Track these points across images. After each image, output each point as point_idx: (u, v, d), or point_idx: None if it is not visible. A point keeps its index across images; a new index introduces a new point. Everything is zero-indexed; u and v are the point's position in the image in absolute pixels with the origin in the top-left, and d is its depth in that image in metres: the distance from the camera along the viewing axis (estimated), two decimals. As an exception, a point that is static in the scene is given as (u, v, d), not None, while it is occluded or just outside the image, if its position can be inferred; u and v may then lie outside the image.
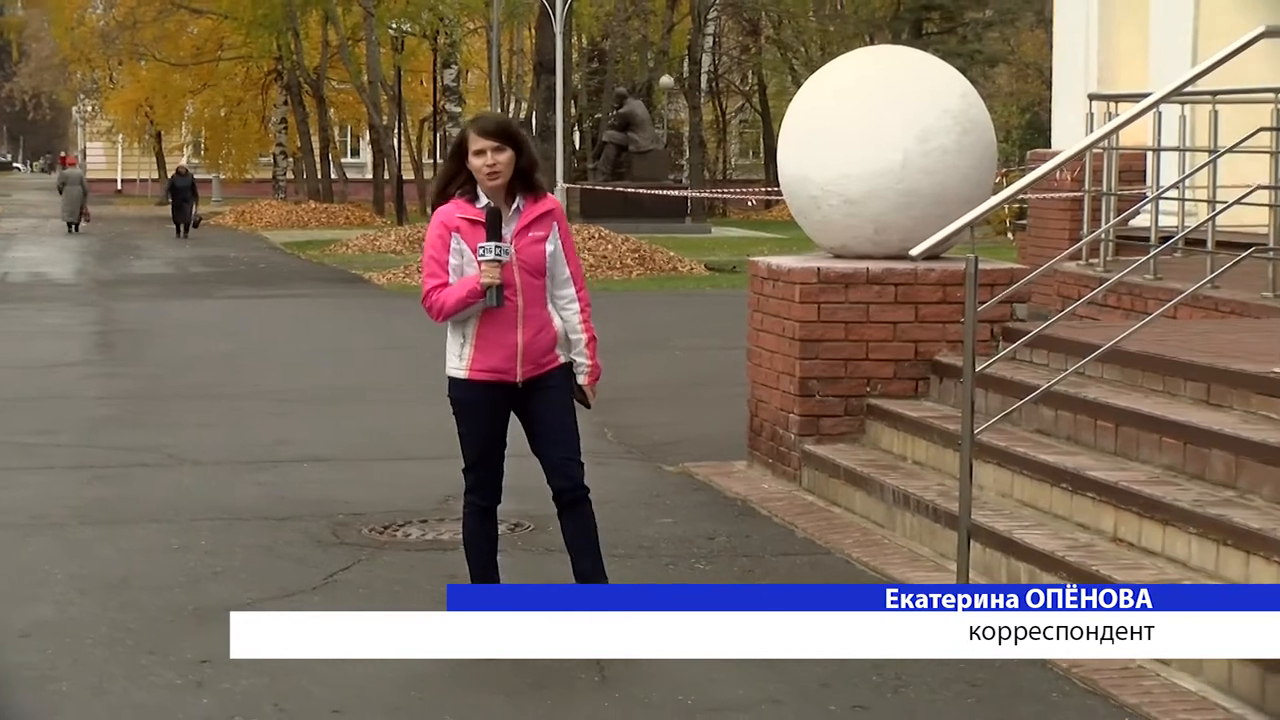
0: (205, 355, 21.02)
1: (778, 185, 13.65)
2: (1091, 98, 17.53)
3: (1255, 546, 8.16)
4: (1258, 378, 9.47)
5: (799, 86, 14.78)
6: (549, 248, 8.41)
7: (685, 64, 68.69)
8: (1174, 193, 14.69)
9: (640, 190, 41.69)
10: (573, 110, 59.70)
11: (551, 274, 8.46)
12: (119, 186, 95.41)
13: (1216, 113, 14.48)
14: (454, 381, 8.52)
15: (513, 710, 7.60)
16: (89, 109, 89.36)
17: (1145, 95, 11.95)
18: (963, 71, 14.67)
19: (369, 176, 69.91)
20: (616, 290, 30.01)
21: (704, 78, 71.92)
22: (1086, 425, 10.34)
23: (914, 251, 10.36)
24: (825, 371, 12.48)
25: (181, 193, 52.78)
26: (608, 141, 51.88)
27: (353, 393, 17.61)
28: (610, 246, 33.82)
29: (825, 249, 13.26)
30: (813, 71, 14.88)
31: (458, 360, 8.46)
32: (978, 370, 9.66)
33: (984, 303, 10.21)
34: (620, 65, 61.69)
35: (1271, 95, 12.59)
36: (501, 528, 11.11)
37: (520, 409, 8.55)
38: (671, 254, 34.24)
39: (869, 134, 12.70)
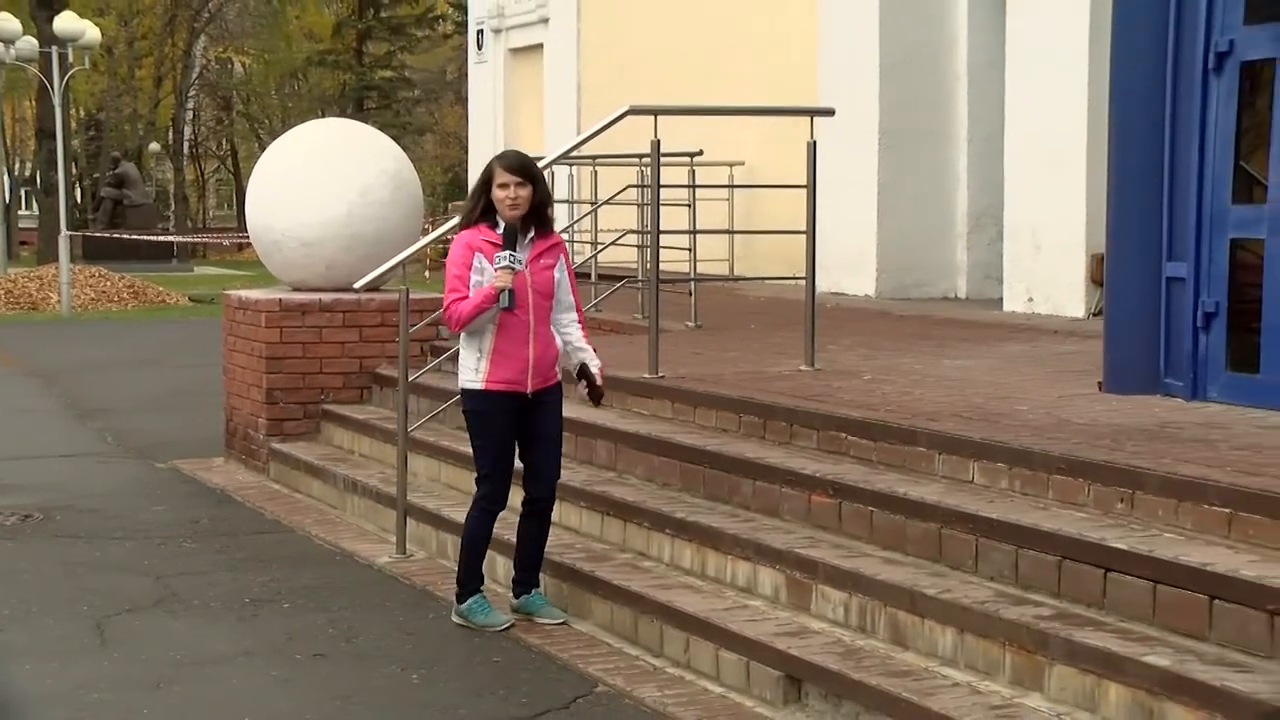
0: None
1: (248, 231, 13.49)
2: (499, 161, 17.73)
3: (630, 515, 8.34)
4: (632, 382, 9.67)
5: (264, 151, 14.62)
6: (556, 275, 7.84)
7: (170, 133, 67.16)
8: (565, 235, 14.95)
9: (134, 237, 40.54)
10: (74, 170, 57.79)
11: (557, 300, 7.86)
12: None
13: (596, 173, 14.85)
14: (471, 393, 7.78)
15: (29, 671, 7.30)
16: None
17: (540, 158, 12.11)
18: (396, 140, 14.72)
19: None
20: (115, 320, 29.12)
21: (186, 144, 70.55)
22: (499, 422, 10.40)
23: (357, 285, 10.41)
24: (287, 383, 12.39)
25: None
26: (105, 197, 50.36)
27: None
28: (109, 283, 32.74)
29: (287, 283, 13.15)
30: (275, 139, 14.71)
31: (473, 374, 7.74)
32: (410, 380, 9.69)
33: (415, 325, 10.21)
34: (114, 133, 59.88)
35: (637, 159, 12.90)
36: (13, 519, 10.72)
37: (524, 419, 7.82)
38: (161, 289, 33.31)
39: (320, 190, 12.69)
